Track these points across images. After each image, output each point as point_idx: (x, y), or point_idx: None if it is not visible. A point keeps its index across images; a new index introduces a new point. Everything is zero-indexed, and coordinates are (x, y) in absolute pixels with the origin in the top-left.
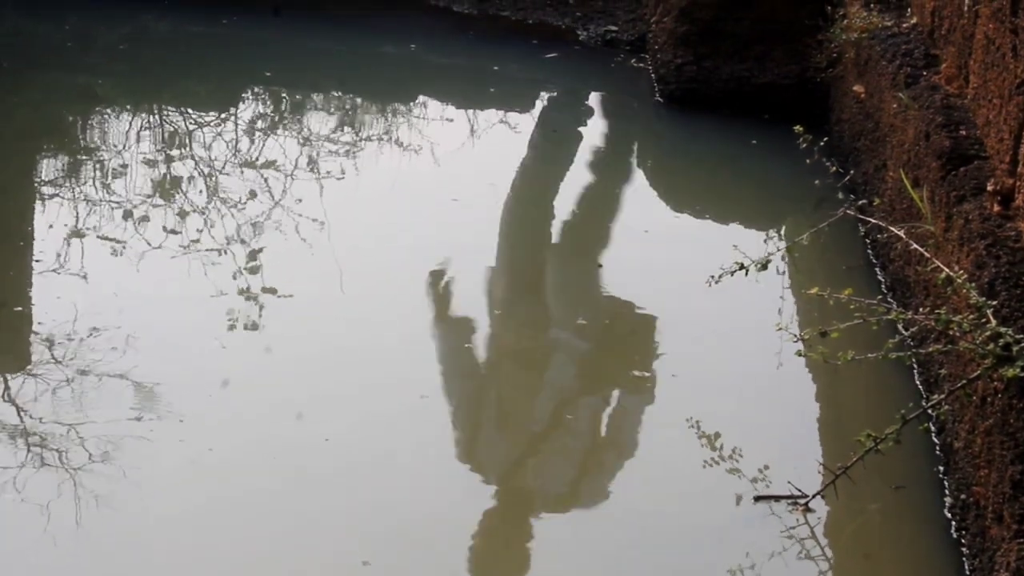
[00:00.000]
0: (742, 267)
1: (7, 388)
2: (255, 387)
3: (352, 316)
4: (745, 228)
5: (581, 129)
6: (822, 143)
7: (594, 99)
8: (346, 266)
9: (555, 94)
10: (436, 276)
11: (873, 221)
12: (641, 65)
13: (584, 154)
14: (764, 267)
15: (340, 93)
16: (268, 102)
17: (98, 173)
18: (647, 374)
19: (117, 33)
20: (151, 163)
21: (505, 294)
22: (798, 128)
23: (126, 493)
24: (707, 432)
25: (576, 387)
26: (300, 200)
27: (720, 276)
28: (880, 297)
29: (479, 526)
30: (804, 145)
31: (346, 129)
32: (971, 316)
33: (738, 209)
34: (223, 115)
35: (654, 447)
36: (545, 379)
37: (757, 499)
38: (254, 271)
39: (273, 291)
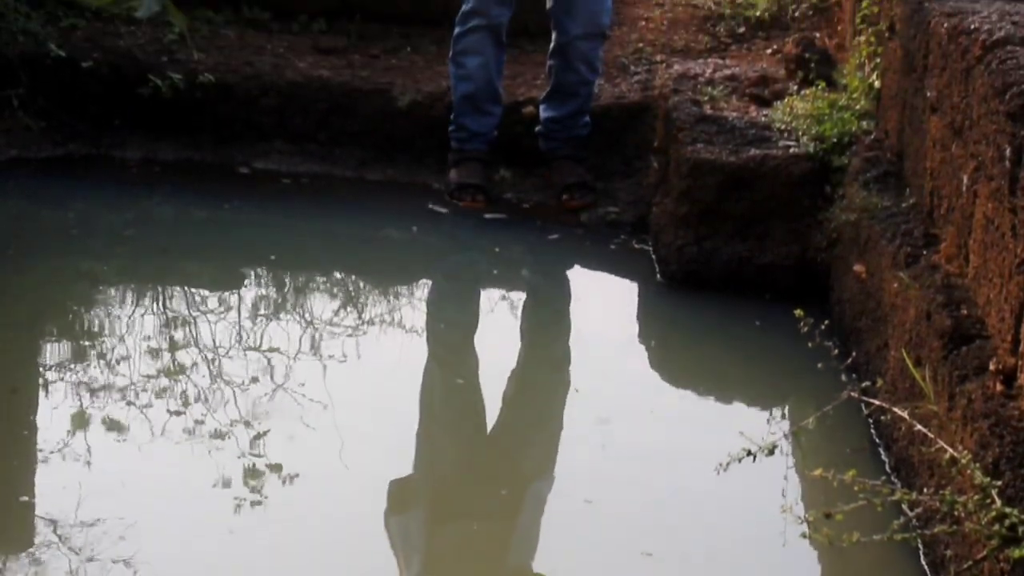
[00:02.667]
0: (749, 453)
1: None
2: (263, 571)
3: (358, 497)
4: (749, 408)
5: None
6: (824, 324)
7: (595, 281)
8: (350, 448)
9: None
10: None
11: (876, 403)
12: (642, 246)
13: (586, 335)
14: (771, 452)
15: (342, 275)
16: (271, 285)
17: (101, 357)
18: None
19: (121, 218)
20: (154, 347)
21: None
22: (799, 312)
23: None
24: None
25: None
26: (303, 383)
27: (728, 464)
28: (884, 478)
29: None
30: (805, 329)
31: (348, 311)
32: (976, 497)
33: (742, 390)
34: (226, 298)
35: None
36: None
37: None
38: (258, 454)
39: (278, 471)
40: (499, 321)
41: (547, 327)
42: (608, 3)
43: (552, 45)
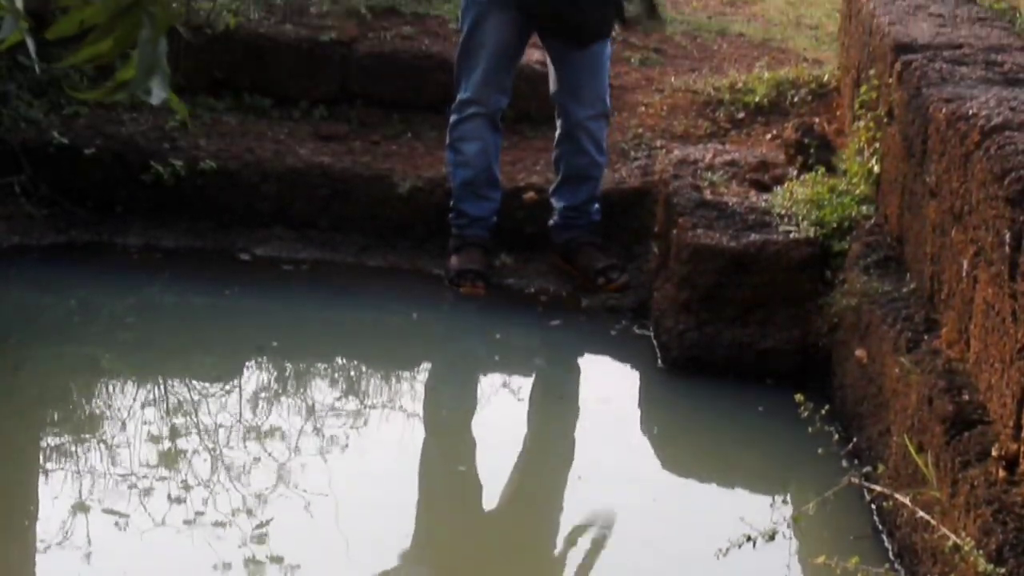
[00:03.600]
0: (749, 539)
1: None
2: None
3: None
4: (750, 494)
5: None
6: (825, 409)
7: (597, 367)
8: (353, 538)
9: (559, 361)
10: None
11: (878, 488)
12: (643, 332)
13: (588, 421)
14: (771, 538)
15: (343, 362)
16: (272, 372)
17: (102, 445)
18: None
19: (122, 305)
20: (155, 434)
21: None
22: (799, 397)
23: None
24: None
25: None
26: (305, 471)
27: (728, 549)
28: (887, 565)
29: None
30: (806, 414)
31: (350, 398)
32: None
33: (743, 475)
34: (227, 385)
35: None
36: None
37: None
38: (260, 542)
39: (279, 561)
40: (501, 407)
41: (549, 413)
42: (608, 84)
43: (559, 132)
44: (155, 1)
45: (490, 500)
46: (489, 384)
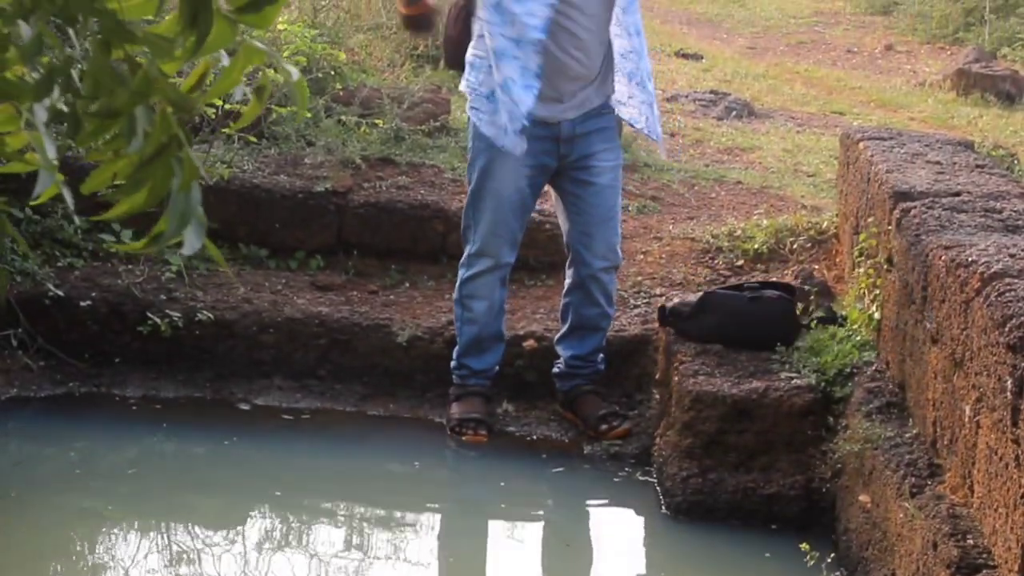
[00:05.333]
0: None
1: None
2: None
3: None
4: None
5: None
6: (831, 555)
7: (601, 514)
8: None
9: (563, 509)
10: None
11: None
12: (646, 478)
13: (593, 569)
14: None
15: (346, 511)
16: (274, 521)
17: None
18: None
19: (122, 456)
20: None
21: None
22: (805, 546)
23: None
24: None
25: None
26: None
27: None
28: None
29: None
30: (812, 562)
31: (353, 547)
32: None
33: None
34: (229, 536)
35: None
36: None
37: None
38: None
39: None
40: (506, 555)
41: (553, 562)
42: (620, 234)
43: (569, 282)
44: (181, 148)
45: None
46: (494, 532)
